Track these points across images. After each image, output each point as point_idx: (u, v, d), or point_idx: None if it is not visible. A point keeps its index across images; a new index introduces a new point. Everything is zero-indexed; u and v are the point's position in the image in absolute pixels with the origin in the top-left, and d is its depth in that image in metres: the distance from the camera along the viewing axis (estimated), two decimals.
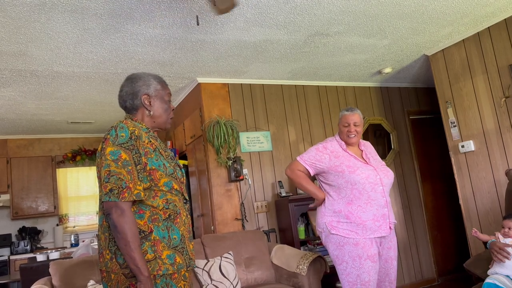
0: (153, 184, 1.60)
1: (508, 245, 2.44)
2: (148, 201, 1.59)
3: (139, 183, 1.54)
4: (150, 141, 1.65)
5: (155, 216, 1.59)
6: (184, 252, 1.64)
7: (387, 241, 2.53)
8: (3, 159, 5.83)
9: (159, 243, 1.57)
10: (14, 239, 5.83)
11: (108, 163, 1.53)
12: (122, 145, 1.55)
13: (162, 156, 1.66)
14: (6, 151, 5.90)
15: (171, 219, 1.63)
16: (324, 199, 2.57)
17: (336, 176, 2.52)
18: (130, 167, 1.53)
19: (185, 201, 1.74)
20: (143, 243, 1.55)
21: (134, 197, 1.51)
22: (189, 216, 1.75)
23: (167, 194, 1.63)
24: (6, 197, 5.74)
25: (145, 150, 1.61)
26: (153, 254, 1.55)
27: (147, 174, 1.59)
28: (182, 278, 1.62)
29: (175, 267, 1.59)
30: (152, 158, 1.61)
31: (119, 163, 1.52)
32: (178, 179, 1.69)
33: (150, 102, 1.77)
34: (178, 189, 1.68)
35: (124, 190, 1.50)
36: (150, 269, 1.54)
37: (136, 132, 1.59)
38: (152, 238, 1.57)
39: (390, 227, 2.49)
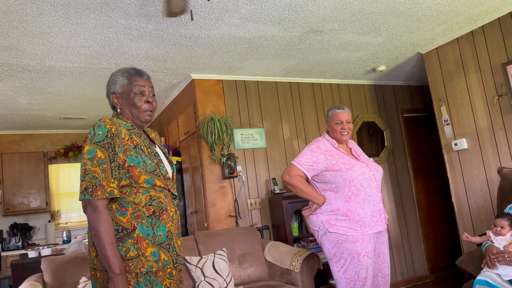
0: (132, 181, 1.59)
1: (503, 252, 2.44)
2: (129, 197, 1.59)
3: (112, 180, 1.54)
4: (132, 138, 1.64)
5: (138, 213, 1.58)
6: (171, 249, 1.63)
7: (380, 236, 2.57)
8: None
9: (142, 240, 1.56)
10: (5, 235, 5.77)
11: (85, 161, 1.55)
12: (98, 143, 1.56)
13: (144, 153, 1.65)
14: None
15: (156, 215, 1.61)
16: (324, 203, 2.55)
17: (334, 174, 2.52)
18: (105, 166, 1.54)
19: (173, 196, 1.72)
20: (125, 241, 1.55)
21: (107, 195, 1.52)
22: (178, 212, 1.74)
23: (150, 191, 1.62)
24: None
25: (125, 147, 1.60)
26: (136, 252, 1.54)
27: (126, 171, 1.59)
28: (168, 276, 1.61)
29: (159, 264, 1.58)
30: (132, 155, 1.61)
31: (94, 161, 1.53)
32: (162, 176, 1.67)
33: (118, 100, 1.75)
34: (162, 185, 1.66)
35: (98, 188, 1.51)
36: (132, 266, 1.53)
37: (113, 130, 1.58)
38: (135, 235, 1.56)
39: (385, 222, 2.54)
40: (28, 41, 3.18)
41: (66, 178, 6.36)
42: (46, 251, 4.21)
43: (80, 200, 1.54)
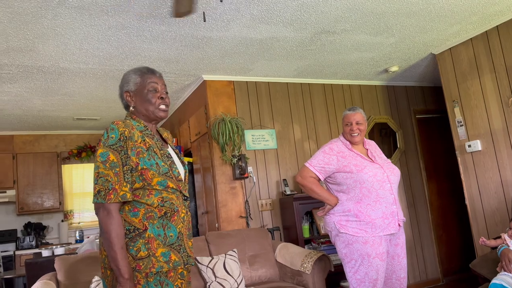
0: (145, 184, 1.60)
1: None
2: (142, 199, 1.60)
3: (125, 184, 1.55)
4: (144, 140, 1.65)
5: (150, 214, 1.59)
6: (181, 250, 1.64)
7: (395, 238, 2.54)
8: (9, 154, 5.86)
9: (153, 241, 1.57)
10: (19, 234, 5.86)
11: (98, 164, 1.56)
12: (111, 146, 1.57)
13: (157, 155, 1.65)
14: (12, 146, 5.93)
15: (167, 216, 1.62)
16: (337, 203, 2.56)
17: (345, 176, 2.52)
18: (117, 169, 1.55)
19: (184, 198, 1.72)
20: (136, 241, 1.56)
21: (120, 199, 1.53)
22: (189, 213, 1.74)
23: (163, 193, 1.63)
24: (11, 192, 5.77)
25: (137, 149, 1.61)
26: (146, 252, 1.55)
27: (139, 174, 1.60)
28: (179, 276, 1.62)
29: (170, 264, 1.58)
30: (145, 157, 1.61)
31: (107, 164, 1.55)
32: (174, 177, 1.67)
33: (132, 98, 1.75)
34: (174, 187, 1.66)
35: (110, 191, 1.52)
36: (143, 266, 1.54)
37: (126, 132, 1.59)
38: (147, 235, 1.57)
39: (399, 224, 2.50)
40: (43, 43, 3.23)
41: (79, 178, 6.44)
42: (59, 250, 4.27)
43: (93, 203, 1.56)
